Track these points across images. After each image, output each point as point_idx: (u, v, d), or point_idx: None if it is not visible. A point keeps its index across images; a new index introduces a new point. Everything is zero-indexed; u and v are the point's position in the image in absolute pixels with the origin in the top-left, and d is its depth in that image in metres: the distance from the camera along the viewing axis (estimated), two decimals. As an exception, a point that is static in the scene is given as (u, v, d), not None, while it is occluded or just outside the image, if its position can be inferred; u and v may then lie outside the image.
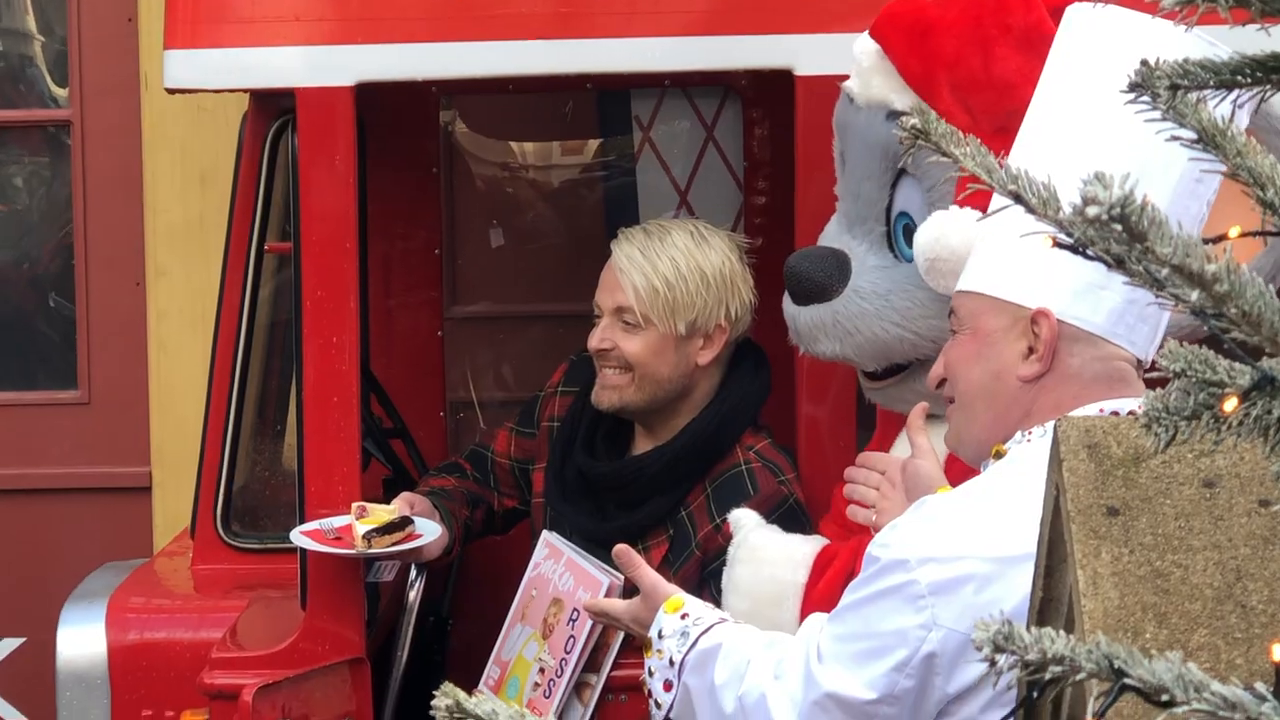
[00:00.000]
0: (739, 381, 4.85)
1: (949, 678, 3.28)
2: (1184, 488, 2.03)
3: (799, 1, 4.69)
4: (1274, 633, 1.93)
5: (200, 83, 4.87)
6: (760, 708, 3.42)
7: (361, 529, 4.63)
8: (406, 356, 5.82)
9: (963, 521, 3.31)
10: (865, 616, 3.33)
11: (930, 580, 3.25)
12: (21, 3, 7.32)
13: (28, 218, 7.38)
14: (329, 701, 4.64)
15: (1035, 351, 3.34)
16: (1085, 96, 3.40)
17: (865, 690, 3.30)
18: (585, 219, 6.41)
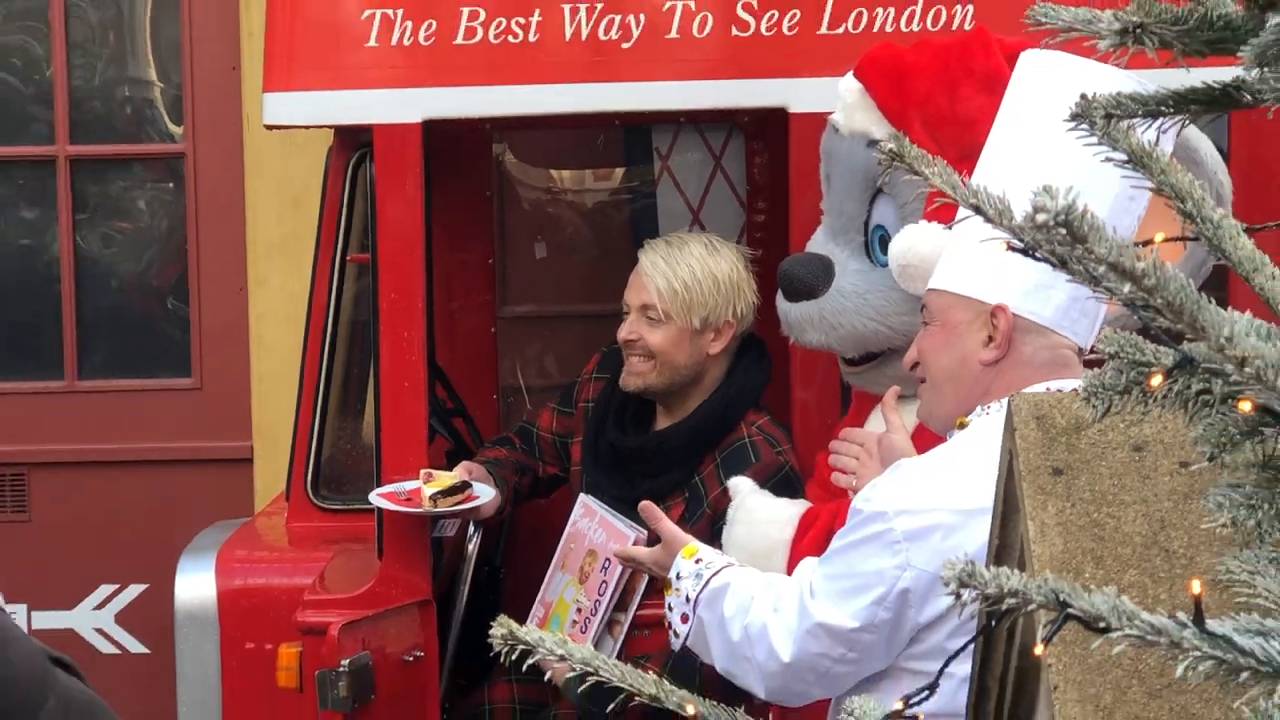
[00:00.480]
0: (744, 369, 4.86)
1: (920, 610, 3.31)
2: (1117, 452, 2.04)
3: (790, 51, 4.69)
4: (1192, 572, 1.95)
5: (293, 120, 4.88)
6: (762, 636, 3.45)
7: (428, 491, 4.66)
8: (465, 349, 5.81)
9: (932, 480, 3.35)
10: (850, 559, 3.37)
11: (904, 529, 3.29)
12: (144, 54, 7.27)
13: (149, 235, 7.35)
14: (401, 636, 4.67)
15: (994, 340, 3.37)
16: (1035, 127, 3.42)
17: (850, 620, 3.33)
18: (613, 234, 6.39)
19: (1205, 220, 1.72)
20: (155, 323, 7.26)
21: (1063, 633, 1.59)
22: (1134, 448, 2.05)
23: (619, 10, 4.73)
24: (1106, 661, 1.87)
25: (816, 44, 4.69)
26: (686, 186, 6.05)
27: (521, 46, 4.73)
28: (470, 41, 4.73)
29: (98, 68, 7.31)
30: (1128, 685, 1.88)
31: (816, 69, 4.64)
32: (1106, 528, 2.01)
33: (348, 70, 4.75)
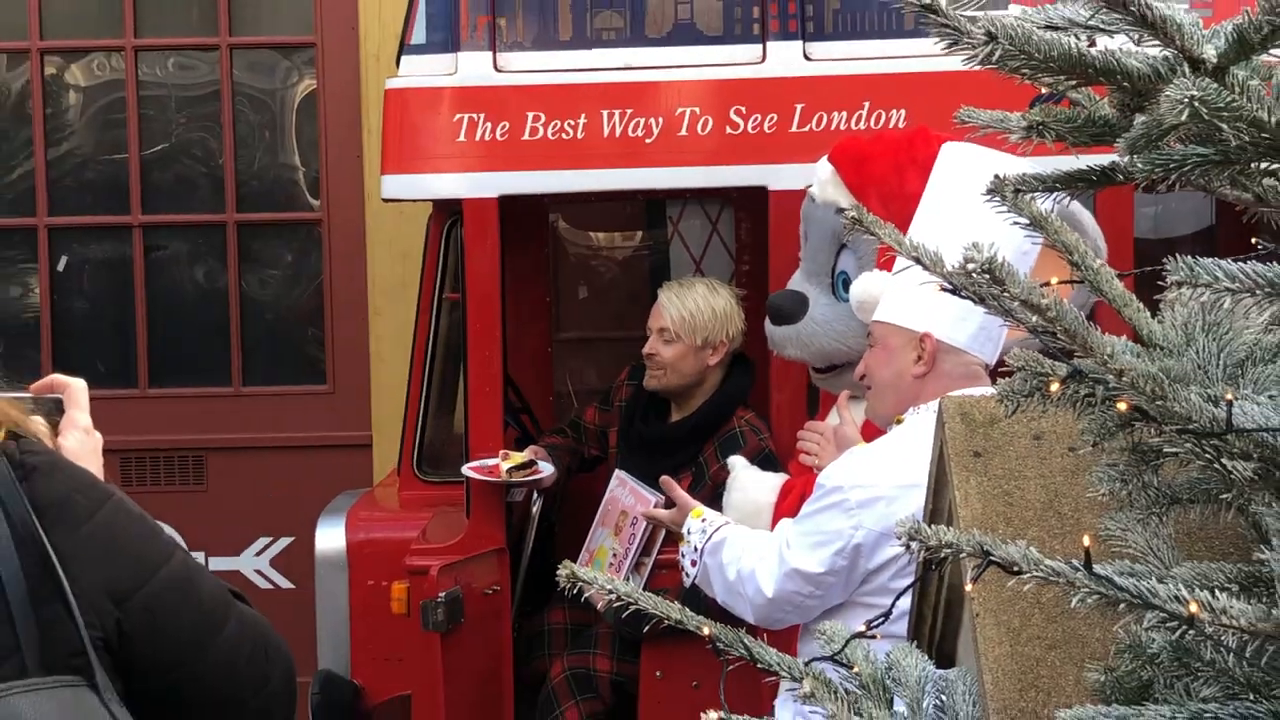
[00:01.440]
0: (735, 376, 4.86)
1: (869, 559, 3.31)
2: (1021, 439, 2.04)
3: (768, 145, 4.69)
4: (1080, 530, 1.94)
5: (403, 195, 4.89)
6: (751, 578, 3.46)
7: (504, 467, 4.68)
8: (530, 364, 5.80)
9: (877, 462, 3.36)
10: (816, 521, 3.38)
11: (857, 499, 3.30)
12: (290, 145, 7.27)
13: (295, 279, 7.33)
14: (483, 575, 4.67)
15: (922, 359, 3.39)
16: (954, 199, 3.44)
17: (817, 566, 3.34)
18: (637, 279, 6.38)
19: (1088, 268, 1.72)
20: (299, 344, 7.27)
21: (985, 576, 1.59)
22: (1034, 437, 2.05)
23: (643, 115, 4.72)
24: (1016, 596, 1.86)
25: (788, 140, 4.68)
26: (691, 244, 6.06)
27: (571, 142, 4.73)
28: (533, 138, 4.73)
29: (256, 156, 7.31)
30: (1031, 613, 1.88)
31: (788, 158, 4.65)
32: (1014, 496, 2.01)
33: (443, 159, 4.76)
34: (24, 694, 1.43)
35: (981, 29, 1.48)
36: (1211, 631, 1.45)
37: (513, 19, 4.84)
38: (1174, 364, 1.60)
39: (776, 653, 1.92)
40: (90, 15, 7.29)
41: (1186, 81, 1.41)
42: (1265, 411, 1.52)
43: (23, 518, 1.52)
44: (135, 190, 7.20)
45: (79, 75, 7.40)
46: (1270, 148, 1.49)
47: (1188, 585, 1.47)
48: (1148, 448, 1.69)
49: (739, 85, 4.74)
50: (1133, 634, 1.62)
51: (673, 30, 4.86)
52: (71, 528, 1.55)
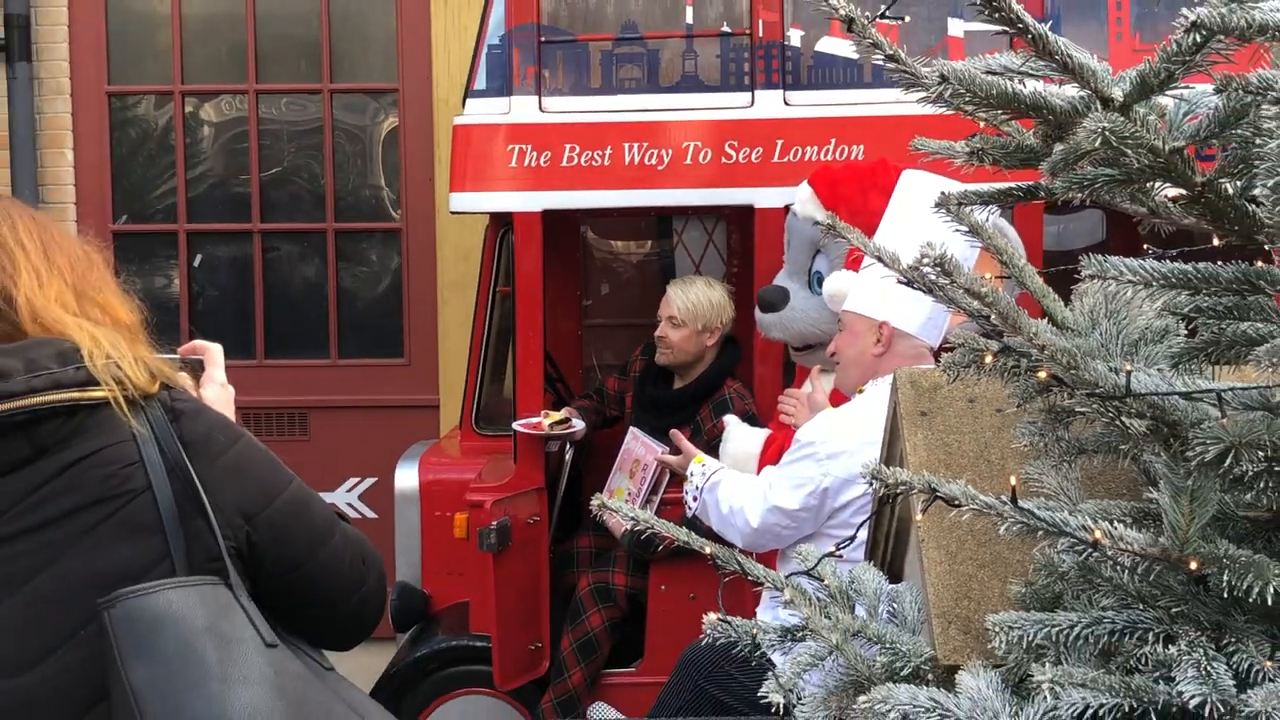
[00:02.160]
0: (726, 354, 4.84)
1: (835, 499, 3.30)
2: (959, 402, 2.03)
3: (756, 173, 4.67)
4: (1006, 474, 1.94)
5: (466, 209, 4.86)
6: (740, 512, 3.46)
7: (545, 423, 4.67)
8: (565, 343, 5.79)
9: (843, 423, 3.34)
10: (794, 469, 3.37)
11: (826, 451, 3.29)
12: (377, 169, 7.28)
13: (380, 275, 7.33)
14: (526, 508, 4.65)
15: (880, 342, 3.38)
16: (914, 214, 3.44)
17: (794, 504, 3.33)
18: (649, 277, 6.36)
19: (1015, 267, 1.70)
20: (383, 325, 7.27)
21: (931, 510, 1.58)
22: (969, 400, 2.04)
23: (656, 147, 4.71)
24: (954, 525, 1.85)
25: (770, 169, 4.66)
26: (692, 250, 6.04)
27: (599, 168, 4.71)
28: (570, 165, 4.72)
29: (350, 177, 7.32)
30: (966, 539, 1.87)
31: (771, 183, 4.63)
32: (952, 447, 2.00)
33: (498, 180, 4.74)
34: (174, 589, 1.45)
35: (936, 73, 1.46)
36: (1111, 555, 1.44)
37: (554, 70, 4.83)
38: (1083, 342, 1.59)
39: (763, 568, 1.91)
40: (220, 64, 7.29)
41: (1099, 115, 1.40)
42: (1156, 380, 1.51)
43: (173, 451, 1.52)
44: (255, 203, 7.23)
45: (211, 113, 7.41)
46: (1163, 170, 1.48)
47: (1092, 518, 1.46)
48: (1061, 409, 1.68)
49: (732, 125, 4.72)
50: (1048, 556, 1.62)
51: (680, 80, 4.85)
52: (211, 459, 1.55)
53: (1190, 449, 1.42)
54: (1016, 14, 1.39)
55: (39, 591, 1.45)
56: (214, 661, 1.42)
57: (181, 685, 1.40)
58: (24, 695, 1.43)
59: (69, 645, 1.45)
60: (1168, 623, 1.48)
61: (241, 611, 1.49)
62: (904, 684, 1.59)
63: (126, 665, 1.39)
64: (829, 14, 1.50)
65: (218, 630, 1.45)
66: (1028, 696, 1.50)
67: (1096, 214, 5.46)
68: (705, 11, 4.87)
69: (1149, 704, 1.44)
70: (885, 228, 3.52)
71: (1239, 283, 1.51)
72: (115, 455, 1.50)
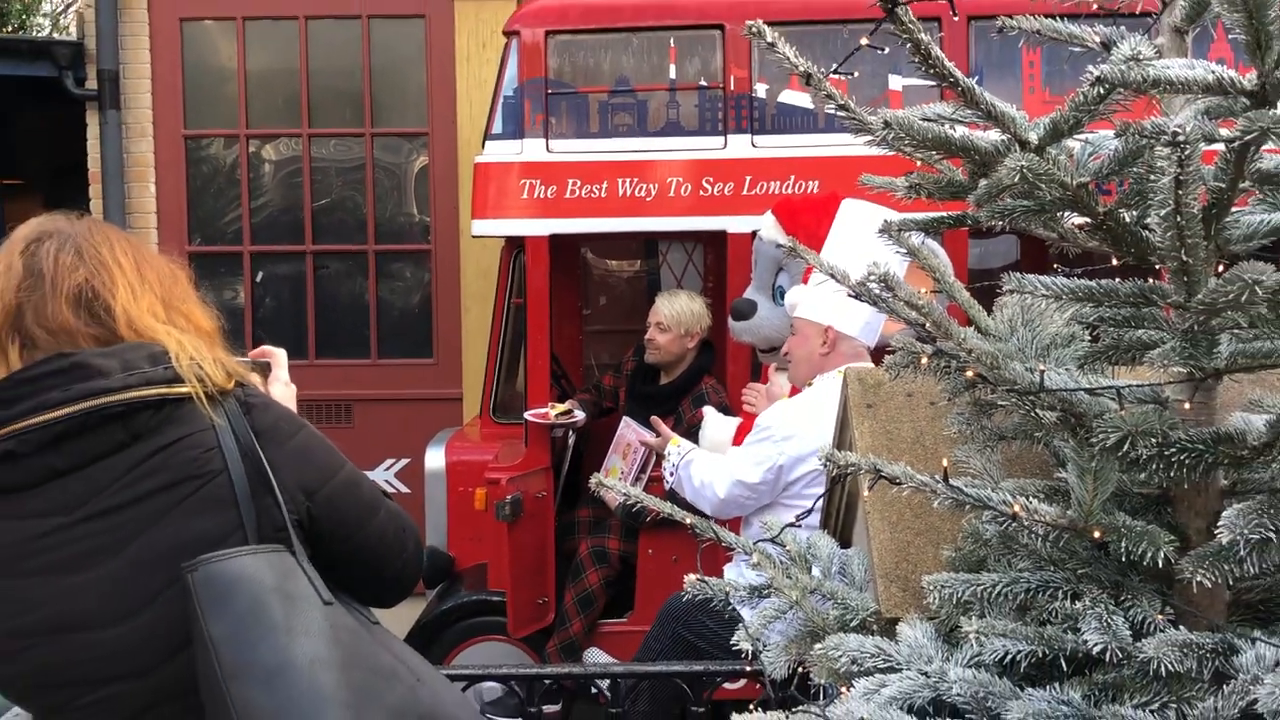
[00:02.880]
0: (703, 356, 4.80)
1: (788, 475, 3.29)
2: (899, 396, 2.02)
3: (728, 203, 4.65)
4: (938, 457, 1.93)
5: (486, 233, 4.83)
6: (710, 485, 3.46)
7: (552, 413, 4.65)
8: (568, 346, 5.77)
9: (796, 411, 3.34)
10: (754, 449, 3.36)
11: (781, 434, 3.28)
12: (410, 199, 7.27)
13: (413, 288, 7.32)
14: (535, 485, 4.63)
15: (826, 344, 3.37)
16: (851, 234, 3.44)
17: (755, 478, 3.33)
18: (638, 292, 6.35)
19: (946, 283, 1.69)
20: (415, 330, 7.26)
21: (877, 487, 1.57)
22: (908, 394, 2.03)
23: (645, 182, 4.69)
24: (896, 500, 1.85)
25: (740, 200, 4.65)
26: (675, 269, 6.01)
27: (597, 200, 4.69)
28: (572, 197, 4.70)
29: (388, 207, 7.30)
30: (905, 511, 1.86)
31: (741, 212, 4.61)
32: (894, 434, 1.99)
33: (513, 209, 4.71)
34: (247, 555, 1.46)
35: (880, 120, 1.45)
36: (1027, 525, 1.44)
37: (559, 117, 4.81)
38: (1003, 346, 1.58)
39: (735, 535, 1.91)
40: (279, 111, 7.27)
41: (1018, 156, 1.39)
42: (1064, 378, 1.51)
43: (246, 438, 1.53)
44: (308, 228, 7.21)
45: (271, 152, 7.39)
46: (1072, 202, 1.47)
47: (1011, 494, 1.46)
48: (985, 402, 1.68)
49: (708, 163, 4.71)
50: (974, 526, 1.61)
51: (665, 125, 4.83)
52: (278, 445, 1.56)
53: (1093, 436, 1.42)
54: (948, 70, 1.38)
55: (134, 556, 1.46)
56: (280, 616, 1.43)
57: (254, 637, 1.41)
58: (117, 644, 1.45)
59: (156, 603, 1.46)
60: (1075, 582, 1.48)
61: (303, 574, 1.49)
62: (853, 634, 1.59)
63: (207, 620, 1.40)
64: (790, 70, 1.49)
65: (283, 590, 1.45)
66: (957, 644, 1.50)
67: (1011, 238, 5.46)
68: (686, 68, 4.86)
69: (1059, 650, 1.43)
70: (829, 247, 3.52)
71: (1135, 297, 1.50)
72: (197, 442, 1.51)
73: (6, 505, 1.45)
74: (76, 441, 1.46)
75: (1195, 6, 1.53)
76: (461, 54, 7.00)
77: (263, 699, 1.38)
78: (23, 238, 1.57)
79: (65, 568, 1.44)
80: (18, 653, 1.43)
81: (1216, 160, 1.43)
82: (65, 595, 1.44)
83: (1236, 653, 1.37)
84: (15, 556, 1.44)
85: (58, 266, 1.53)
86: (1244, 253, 1.47)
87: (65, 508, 1.46)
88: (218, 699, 1.39)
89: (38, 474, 1.45)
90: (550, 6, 4.91)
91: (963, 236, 4.65)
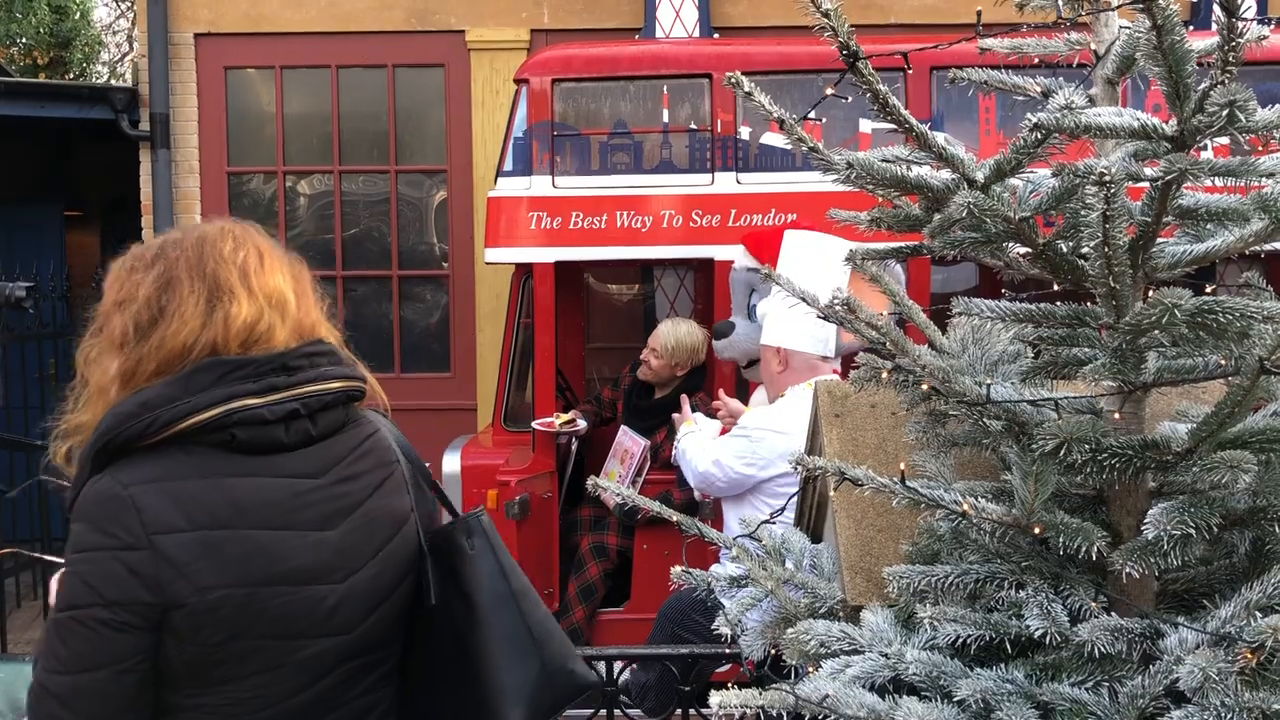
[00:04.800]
0: (694, 374, 4.80)
1: (763, 472, 3.30)
2: (864, 407, 2.02)
3: (714, 234, 4.67)
4: (898, 461, 1.93)
5: (498, 260, 4.85)
6: (696, 458, 3.52)
7: (557, 422, 4.65)
8: (571, 362, 5.77)
9: (768, 417, 3.35)
10: (734, 442, 3.38)
11: (757, 435, 3.31)
12: (430, 229, 7.26)
13: (431, 310, 7.30)
14: (541, 486, 4.63)
15: (781, 361, 3.40)
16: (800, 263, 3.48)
17: (731, 463, 3.35)
18: (635, 312, 6.37)
19: (903, 304, 1.70)
20: (434, 347, 7.23)
21: (843, 488, 1.58)
22: (871, 405, 2.03)
23: (641, 214, 4.71)
24: (860, 499, 1.85)
25: (726, 231, 4.67)
26: (668, 292, 6.03)
27: (598, 230, 4.71)
28: (576, 227, 4.72)
29: (409, 236, 7.29)
30: (868, 510, 1.86)
31: (726, 241, 4.63)
32: (859, 441, 1.99)
33: (522, 239, 4.73)
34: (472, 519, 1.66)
35: (844, 160, 1.47)
36: (976, 522, 1.45)
37: (564, 156, 4.83)
38: (955, 362, 1.59)
39: (716, 532, 1.91)
40: (313, 150, 7.28)
41: (966, 193, 1.41)
42: (1009, 391, 1.52)
43: (400, 439, 1.68)
44: (338, 255, 7.21)
45: (305, 187, 7.40)
46: (1014, 233, 1.49)
47: (962, 494, 1.46)
48: (939, 412, 1.68)
49: (697, 198, 4.73)
50: (929, 523, 1.62)
51: (658, 164, 4.86)
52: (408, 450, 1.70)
53: (1035, 443, 1.43)
54: (904, 116, 1.40)
55: (360, 520, 1.52)
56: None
57: (517, 568, 1.63)
58: (342, 597, 1.48)
59: (370, 564, 1.52)
60: (1019, 573, 1.49)
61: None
62: (821, 620, 1.60)
63: (498, 551, 1.62)
64: (769, 116, 1.51)
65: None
66: (914, 629, 1.51)
67: (971, 265, 5.49)
68: (677, 113, 4.88)
69: (1004, 634, 1.44)
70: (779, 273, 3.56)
71: (1071, 319, 1.52)
72: (384, 435, 1.62)
73: (266, 465, 1.47)
74: (328, 414, 1.53)
75: (1124, 61, 1.55)
76: (477, 99, 7.03)
77: (537, 612, 1.59)
78: (235, 248, 1.59)
79: (314, 525, 1.48)
80: (269, 600, 1.43)
81: (1143, 197, 1.45)
82: (311, 549, 1.46)
83: (1162, 636, 1.39)
84: (278, 512, 1.45)
85: (265, 270, 1.58)
86: (1168, 279, 1.49)
87: (315, 471, 1.50)
88: (509, 614, 1.56)
89: (298, 437, 1.49)
90: (556, 57, 4.94)
91: (926, 264, 4.67)
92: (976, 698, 1.36)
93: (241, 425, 1.44)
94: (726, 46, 5.11)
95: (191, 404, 1.43)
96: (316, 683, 1.47)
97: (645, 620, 4.53)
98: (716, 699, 1.41)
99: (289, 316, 1.57)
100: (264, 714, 1.45)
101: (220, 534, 1.41)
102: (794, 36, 5.17)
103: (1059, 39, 1.68)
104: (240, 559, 1.41)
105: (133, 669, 1.38)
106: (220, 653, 1.41)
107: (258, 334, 1.52)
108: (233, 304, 1.51)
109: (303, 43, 7.09)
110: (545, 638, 1.57)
